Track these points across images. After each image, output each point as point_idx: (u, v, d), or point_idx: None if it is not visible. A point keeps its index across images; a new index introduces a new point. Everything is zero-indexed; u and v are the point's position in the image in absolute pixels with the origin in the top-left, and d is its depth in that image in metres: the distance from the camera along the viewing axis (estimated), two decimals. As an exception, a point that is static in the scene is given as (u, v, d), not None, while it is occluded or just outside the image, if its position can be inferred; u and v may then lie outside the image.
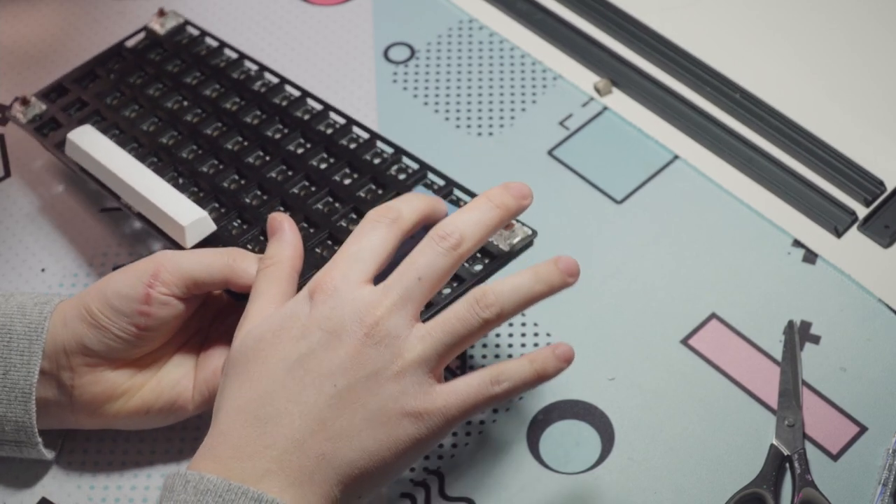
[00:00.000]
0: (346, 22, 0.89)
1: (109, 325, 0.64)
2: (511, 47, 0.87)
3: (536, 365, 0.60)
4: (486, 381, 0.59)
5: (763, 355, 0.71)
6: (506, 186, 0.63)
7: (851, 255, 0.75)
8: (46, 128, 0.78)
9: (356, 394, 0.58)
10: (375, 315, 0.58)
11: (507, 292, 0.60)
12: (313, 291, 0.60)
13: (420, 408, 0.58)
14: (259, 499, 0.56)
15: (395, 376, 0.58)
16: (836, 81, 0.84)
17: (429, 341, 0.59)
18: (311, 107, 0.76)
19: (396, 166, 0.72)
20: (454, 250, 0.60)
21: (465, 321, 0.59)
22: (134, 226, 0.79)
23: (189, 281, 0.65)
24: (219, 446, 0.58)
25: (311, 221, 0.69)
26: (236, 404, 0.59)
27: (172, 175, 0.73)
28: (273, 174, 0.72)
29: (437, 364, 0.59)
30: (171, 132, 0.76)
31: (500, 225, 0.63)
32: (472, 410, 0.59)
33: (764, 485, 0.66)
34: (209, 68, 0.79)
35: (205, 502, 0.56)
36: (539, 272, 0.61)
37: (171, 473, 0.58)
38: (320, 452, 0.57)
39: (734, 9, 0.88)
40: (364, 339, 0.58)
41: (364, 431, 0.57)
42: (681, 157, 0.80)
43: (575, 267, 0.62)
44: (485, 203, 0.62)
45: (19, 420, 0.65)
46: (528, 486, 0.67)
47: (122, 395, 0.66)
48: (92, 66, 0.81)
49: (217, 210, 0.71)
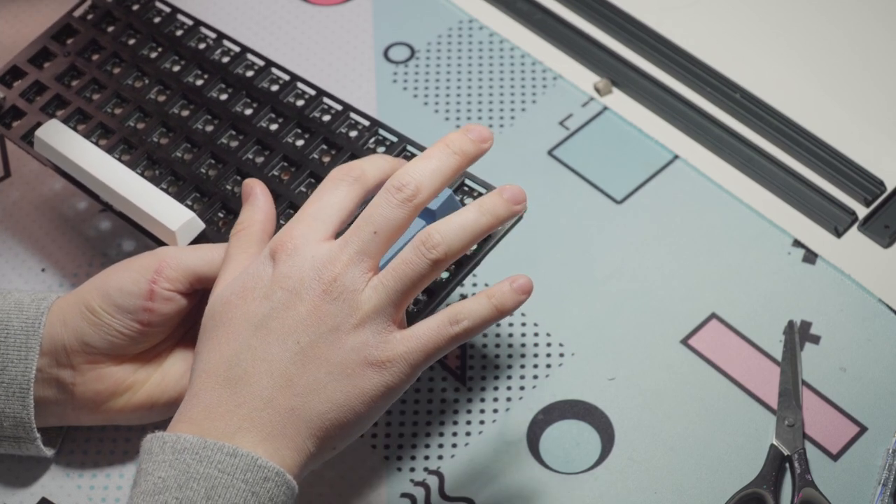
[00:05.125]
0: (346, 22, 0.89)
1: (112, 321, 0.65)
2: (511, 47, 0.87)
3: (494, 300, 0.60)
4: (444, 322, 0.59)
5: (763, 355, 0.71)
6: (465, 130, 0.63)
7: (851, 255, 0.75)
8: (8, 117, 0.76)
9: (319, 349, 0.58)
10: (333, 271, 0.59)
11: (452, 230, 0.60)
12: (274, 252, 0.60)
13: (382, 357, 0.58)
14: (234, 452, 0.56)
15: (354, 328, 0.58)
16: (836, 81, 0.84)
17: (382, 290, 0.59)
18: (277, 76, 0.75)
19: (374, 138, 0.71)
20: (410, 202, 0.60)
21: (414, 265, 0.59)
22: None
23: (192, 276, 0.65)
24: (192, 409, 0.59)
25: (296, 207, 0.69)
26: (206, 367, 0.59)
27: (147, 164, 0.72)
28: (249, 156, 0.72)
29: (394, 311, 0.59)
30: (136, 114, 0.75)
31: (458, 172, 0.62)
32: (435, 353, 0.59)
33: (764, 485, 0.66)
34: (165, 38, 0.77)
35: (182, 460, 0.56)
36: (483, 204, 0.61)
37: (147, 437, 0.58)
38: (289, 407, 0.58)
39: (734, 9, 0.88)
40: (322, 296, 0.59)
41: (330, 385, 0.58)
42: (681, 157, 0.80)
43: (521, 194, 0.61)
44: (442, 150, 0.61)
45: (17, 416, 0.65)
46: (528, 486, 0.67)
47: (126, 390, 0.66)
48: (43, 41, 0.79)
49: (200, 200, 0.71)
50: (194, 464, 0.56)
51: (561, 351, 0.72)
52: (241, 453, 0.56)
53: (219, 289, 0.62)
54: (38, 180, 0.81)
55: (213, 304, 0.61)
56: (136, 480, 0.57)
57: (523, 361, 0.72)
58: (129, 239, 0.78)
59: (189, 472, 0.56)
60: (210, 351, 0.60)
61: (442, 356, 0.63)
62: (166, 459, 0.57)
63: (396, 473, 0.68)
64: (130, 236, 0.78)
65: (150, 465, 0.57)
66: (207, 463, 0.56)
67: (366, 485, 0.68)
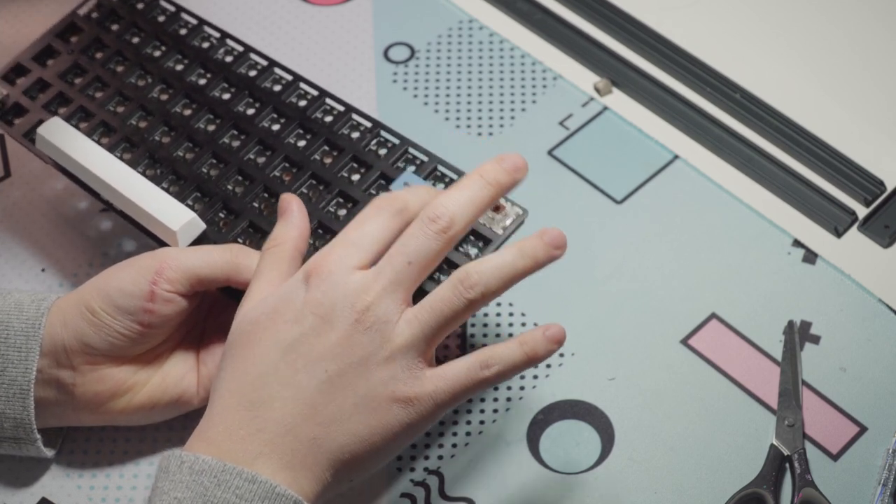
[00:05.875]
0: (346, 22, 0.89)
1: (113, 322, 0.64)
2: (511, 47, 0.87)
3: (526, 348, 0.60)
4: (475, 365, 0.59)
5: (763, 355, 0.71)
6: (499, 160, 0.62)
7: (851, 255, 0.75)
8: (10, 114, 0.76)
9: (347, 379, 0.58)
10: (366, 301, 0.58)
11: (490, 271, 0.59)
12: (309, 275, 0.60)
13: (410, 393, 0.58)
14: (253, 479, 0.56)
15: (384, 361, 0.58)
16: (836, 81, 0.84)
17: (416, 325, 0.59)
18: (279, 76, 0.75)
19: (376, 140, 0.71)
20: (444, 233, 0.60)
21: (450, 303, 0.59)
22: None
23: (193, 278, 0.65)
24: (213, 429, 0.58)
25: None
26: (231, 387, 0.59)
27: (148, 163, 0.72)
28: (251, 156, 0.72)
29: (426, 348, 0.59)
30: (138, 112, 0.75)
31: (493, 203, 0.62)
32: (462, 395, 0.59)
33: (764, 485, 0.66)
34: (169, 37, 0.77)
35: (200, 482, 0.56)
36: (524, 247, 0.60)
37: (165, 454, 0.58)
38: (312, 436, 0.57)
39: (734, 9, 0.88)
40: (355, 325, 0.58)
41: (355, 416, 0.58)
42: (681, 157, 0.80)
43: (561, 239, 0.61)
44: (476, 181, 0.61)
45: (18, 417, 0.65)
46: (528, 486, 0.67)
47: (126, 391, 0.66)
48: (48, 39, 0.79)
49: (200, 200, 0.71)
50: (212, 487, 0.56)
51: (561, 351, 0.72)
52: (260, 480, 0.56)
53: (247, 306, 0.61)
54: (38, 180, 0.81)
55: (240, 321, 0.61)
56: (150, 499, 0.57)
57: (523, 361, 0.72)
58: (129, 239, 0.78)
59: (206, 495, 0.55)
60: (235, 370, 0.59)
61: (467, 399, 0.63)
62: (183, 480, 0.56)
63: (396, 473, 0.68)
64: (131, 236, 0.78)
65: (167, 483, 0.57)
66: (225, 488, 0.56)
67: (366, 485, 0.68)
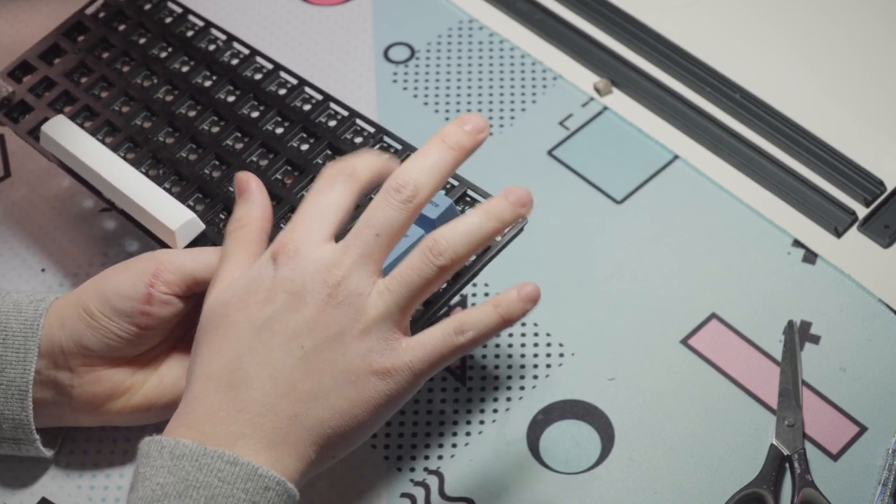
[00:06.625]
0: (346, 22, 0.89)
1: (110, 324, 0.64)
2: (511, 47, 0.87)
3: (501, 309, 0.59)
4: (449, 331, 0.59)
5: (763, 355, 0.71)
6: (460, 121, 0.61)
7: (851, 255, 0.75)
8: (16, 112, 0.76)
9: (324, 355, 0.58)
10: (337, 275, 0.58)
11: (457, 236, 0.59)
12: (276, 253, 0.60)
13: (387, 364, 0.58)
14: (235, 461, 0.56)
15: (360, 335, 0.58)
16: (836, 81, 0.84)
17: (389, 296, 0.58)
18: (284, 80, 0.75)
19: (378, 145, 0.71)
20: (409, 202, 0.59)
21: (420, 271, 0.58)
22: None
23: (190, 280, 0.65)
24: (192, 413, 0.58)
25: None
26: (207, 370, 0.59)
27: (151, 163, 0.72)
28: (254, 158, 0.72)
29: (400, 318, 0.59)
30: (143, 113, 0.75)
31: (457, 166, 0.61)
32: (439, 363, 0.59)
33: (764, 485, 0.66)
34: (175, 38, 0.77)
35: (181, 467, 0.56)
36: (489, 209, 0.60)
37: (146, 440, 0.58)
38: (292, 414, 0.57)
39: (734, 9, 0.88)
40: (327, 300, 0.58)
41: (334, 391, 0.57)
42: (681, 157, 0.80)
43: (527, 196, 0.61)
44: (438, 145, 0.61)
45: (16, 417, 0.65)
46: (528, 486, 0.67)
47: (124, 392, 0.66)
48: (54, 38, 0.79)
49: (202, 201, 0.71)
50: (194, 471, 0.56)
51: (561, 351, 0.72)
52: (242, 462, 0.56)
53: (217, 289, 0.61)
54: (38, 180, 0.81)
55: (211, 304, 0.61)
56: (133, 485, 0.57)
57: (523, 361, 0.72)
58: (129, 239, 0.78)
59: (188, 479, 0.55)
60: (210, 353, 0.59)
61: (445, 366, 0.63)
62: (165, 465, 0.56)
63: (396, 473, 0.68)
64: (131, 236, 0.78)
65: (148, 469, 0.56)
66: (207, 471, 0.55)
67: (366, 485, 0.68)
